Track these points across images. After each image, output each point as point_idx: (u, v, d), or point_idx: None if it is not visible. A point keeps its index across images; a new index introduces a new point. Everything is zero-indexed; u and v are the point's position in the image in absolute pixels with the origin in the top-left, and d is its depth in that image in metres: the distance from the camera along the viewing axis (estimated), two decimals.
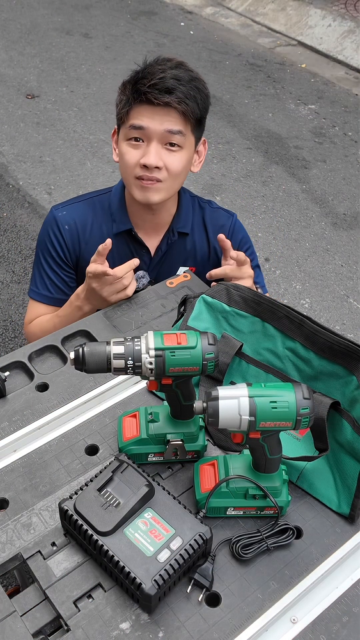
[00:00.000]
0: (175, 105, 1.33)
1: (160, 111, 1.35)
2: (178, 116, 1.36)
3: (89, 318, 1.37)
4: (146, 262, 1.58)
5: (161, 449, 1.05)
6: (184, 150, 1.41)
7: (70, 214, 1.55)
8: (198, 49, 5.40)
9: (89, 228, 1.55)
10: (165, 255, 1.59)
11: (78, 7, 5.87)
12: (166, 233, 1.57)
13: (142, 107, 1.35)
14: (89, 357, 0.93)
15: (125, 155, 1.41)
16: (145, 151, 1.38)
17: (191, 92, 1.35)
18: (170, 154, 1.39)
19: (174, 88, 1.33)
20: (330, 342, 1.07)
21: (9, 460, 1.08)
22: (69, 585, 0.90)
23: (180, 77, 1.35)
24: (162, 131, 1.36)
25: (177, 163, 1.40)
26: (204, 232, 1.61)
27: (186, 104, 1.34)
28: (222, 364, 1.14)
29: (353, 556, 0.99)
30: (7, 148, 3.98)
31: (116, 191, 1.57)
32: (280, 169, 4.06)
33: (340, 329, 2.95)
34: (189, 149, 1.42)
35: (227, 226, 1.62)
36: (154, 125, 1.35)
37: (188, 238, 1.60)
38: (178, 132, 1.37)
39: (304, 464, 1.07)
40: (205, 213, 1.61)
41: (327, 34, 5.57)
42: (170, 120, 1.36)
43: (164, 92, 1.32)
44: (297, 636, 0.89)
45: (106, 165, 3.88)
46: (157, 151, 1.37)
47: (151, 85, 1.32)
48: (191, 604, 0.90)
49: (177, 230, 1.57)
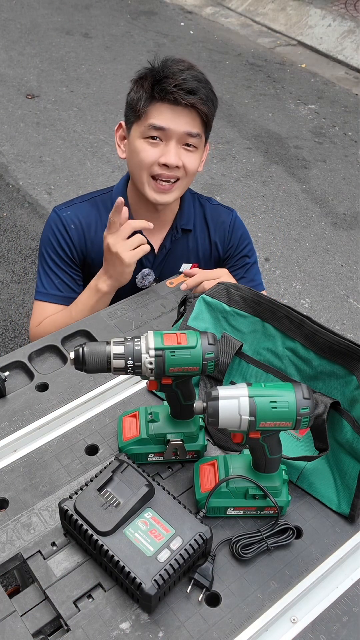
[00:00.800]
0: (199, 106, 1.35)
1: (181, 112, 1.36)
2: (197, 118, 1.38)
3: (88, 318, 1.37)
4: (150, 260, 1.59)
5: (161, 448, 1.05)
6: (199, 151, 1.44)
7: (74, 214, 1.55)
8: (198, 49, 5.40)
9: (93, 227, 1.55)
10: (169, 252, 1.60)
11: (78, 7, 5.87)
12: (170, 230, 1.58)
13: (164, 107, 1.36)
14: (89, 357, 0.93)
15: (142, 153, 1.41)
16: (165, 150, 1.39)
17: (209, 95, 1.38)
18: (188, 153, 1.41)
19: (197, 89, 1.35)
20: (330, 342, 1.07)
21: (9, 460, 1.08)
22: (69, 585, 0.90)
23: (199, 78, 1.37)
24: (182, 133, 1.38)
25: (194, 163, 1.43)
26: (205, 229, 1.62)
27: (207, 105, 1.37)
28: (222, 364, 1.14)
29: (353, 556, 0.99)
30: (7, 148, 3.98)
31: (117, 190, 1.57)
32: (280, 169, 4.06)
33: (340, 329, 2.95)
34: (201, 149, 1.46)
35: (227, 222, 1.63)
36: (174, 126, 1.37)
37: (190, 235, 1.61)
38: (197, 134, 1.39)
39: (303, 463, 1.07)
40: (206, 210, 1.63)
41: (327, 34, 5.57)
42: (190, 122, 1.38)
43: (189, 93, 1.34)
44: (297, 636, 0.89)
45: (106, 165, 3.89)
46: (177, 151, 1.39)
47: (176, 85, 1.33)
48: (191, 603, 0.90)
49: (180, 227, 1.58)
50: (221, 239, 1.63)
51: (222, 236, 1.63)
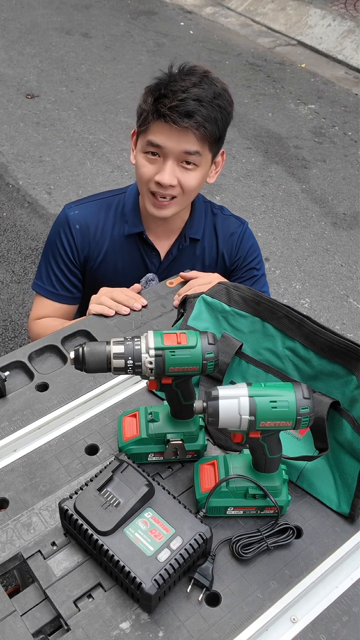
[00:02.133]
0: (193, 130, 1.32)
1: (179, 132, 1.33)
2: (196, 138, 1.34)
3: (88, 318, 1.37)
4: (155, 265, 1.59)
5: (161, 448, 1.05)
6: (200, 168, 1.40)
7: (82, 213, 1.55)
8: (198, 49, 5.40)
9: (100, 228, 1.55)
10: (174, 259, 1.60)
11: (78, 6, 5.87)
12: (178, 238, 1.58)
13: (161, 125, 1.34)
14: (89, 356, 0.93)
15: (141, 168, 1.41)
16: (161, 168, 1.37)
17: (211, 114, 1.33)
18: (186, 172, 1.39)
19: (194, 111, 1.30)
20: (330, 342, 1.07)
21: (9, 460, 1.08)
22: (69, 585, 0.90)
23: (202, 97, 1.32)
24: (179, 151, 1.36)
25: (192, 181, 1.40)
26: (214, 239, 1.61)
27: (205, 127, 1.33)
28: (222, 364, 1.14)
29: (353, 556, 0.99)
30: (7, 148, 3.98)
31: (131, 193, 1.57)
32: (280, 169, 4.06)
33: (340, 329, 2.95)
34: (204, 166, 1.42)
35: (237, 234, 1.62)
36: (171, 145, 1.35)
37: (198, 244, 1.60)
38: (195, 152, 1.36)
39: (303, 463, 1.07)
40: (217, 220, 1.61)
41: (327, 34, 5.57)
42: (188, 142, 1.35)
43: (184, 116, 1.30)
44: (297, 636, 0.89)
45: (106, 165, 3.88)
46: (172, 170, 1.37)
47: (171, 108, 1.30)
48: (191, 603, 0.90)
49: (189, 236, 1.57)
50: (229, 250, 1.62)
51: (230, 247, 1.62)
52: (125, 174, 3.82)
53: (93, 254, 1.56)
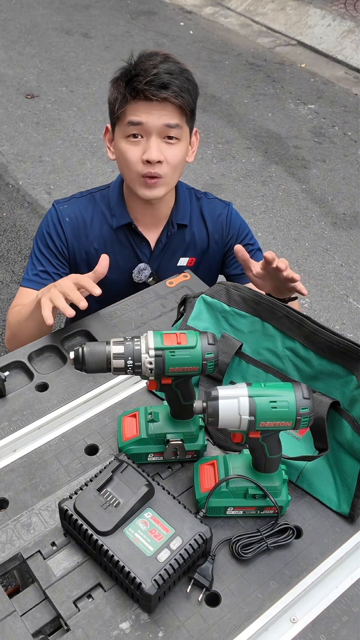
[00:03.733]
0: (172, 100, 1.35)
1: (157, 106, 1.36)
2: (174, 110, 1.38)
3: (88, 318, 1.37)
4: (147, 255, 1.60)
5: (161, 448, 1.05)
6: (181, 142, 1.43)
7: (71, 208, 1.57)
8: (197, 49, 5.40)
9: (89, 222, 1.57)
10: (165, 247, 1.61)
11: (77, 6, 5.87)
12: (166, 225, 1.59)
13: (139, 104, 1.36)
14: (89, 357, 0.93)
15: (126, 153, 1.42)
16: (146, 146, 1.39)
17: (184, 85, 1.38)
18: (170, 147, 1.41)
19: (169, 82, 1.35)
20: (330, 342, 1.07)
21: (8, 460, 1.08)
22: (69, 585, 0.90)
23: (172, 70, 1.36)
24: (161, 125, 1.37)
25: (176, 155, 1.42)
26: (202, 223, 1.63)
27: (182, 97, 1.37)
28: (221, 364, 1.14)
29: (353, 556, 0.99)
30: (7, 148, 3.98)
31: (114, 186, 1.59)
32: (279, 169, 4.06)
33: (339, 329, 2.95)
34: (185, 140, 1.45)
35: (224, 215, 1.64)
36: (152, 120, 1.37)
37: (187, 229, 1.62)
38: (176, 125, 1.39)
39: (303, 463, 1.07)
40: (202, 204, 1.64)
41: (327, 34, 5.57)
42: (167, 114, 1.37)
43: (160, 88, 1.34)
44: (297, 636, 0.89)
45: (106, 165, 3.88)
46: (157, 146, 1.39)
47: (147, 82, 1.33)
48: (191, 603, 0.90)
49: (176, 222, 1.59)
50: (219, 231, 1.64)
51: (220, 229, 1.64)
52: None
53: (82, 247, 1.57)
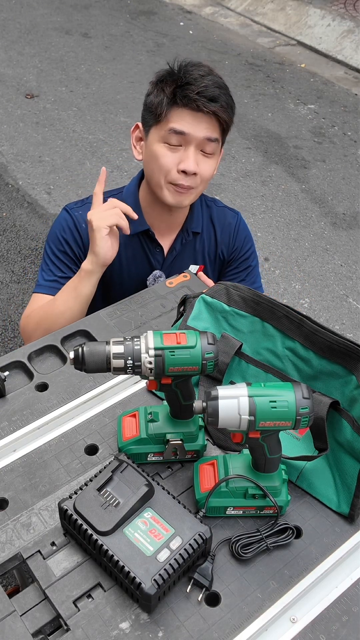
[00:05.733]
0: (220, 114, 1.35)
1: (203, 118, 1.36)
2: (217, 124, 1.38)
3: (88, 318, 1.37)
4: (159, 262, 1.59)
5: (161, 448, 1.05)
6: (215, 157, 1.43)
7: (86, 213, 1.54)
8: (197, 49, 5.40)
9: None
10: (178, 255, 1.61)
11: (77, 6, 5.87)
12: (180, 233, 1.59)
13: (185, 112, 1.35)
14: (89, 356, 0.93)
15: (161, 158, 1.40)
16: (184, 156, 1.38)
17: (229, 101, 1.38)
18: (205, 160, 1.40)
19: (218, 96, 1.34)
20: (330, 342, 1.07)
21: (8, 460, 1.08)
22: (69, 585, 0.90)
23: (220, 84, 1.37)
24: (202, 138, 1.37)
25: (210, 170, 1.42)
26: (212, 231, 1.63)
27: (227, 112, 1.37)
28: (221, 364, 1.14)
29: (352, 556, 0.99)
30: (7, 148, 3.98)
31: (128, 191, 1.57)
32: (279, 169, 4.06)
33: (339, 329, 2.95)
34: (218, 155, 1.45)
35: (233, 224, 1.64)
36: (195, 132, 1.36)
37: (199, 237, 1.61)
38: (216, 139, 1.39)
39: (303, 463, 1.07)
40: (212, 212, 1.63)
41: (327, 34, 5.57)
42: (210, 128, 1.37)
43: (210, 100, 1.34)
44: (296, 636, 0.89)
45: (105, 165, 3.88)
46: (195, 158, 1.38)
47: (199, 93, 1.33)
48: (191, 603, 0.90)
49: (191, 230, 1.58)
50: (226, 241, 1.64)
51: (227, 238, 1.64)
52: (125, 173, 3.82)
53: None
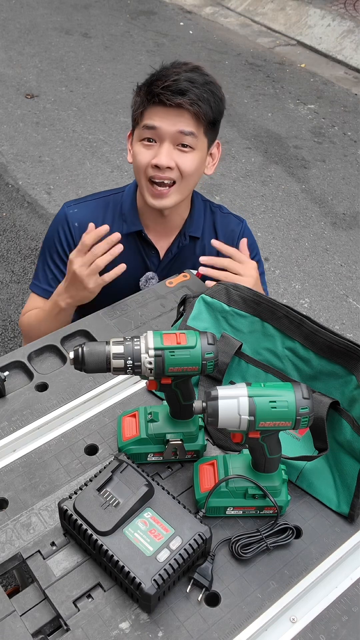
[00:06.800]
0: (187, 106, 1.34)
1: (173, 112, 1.36)
2: (191, 118, 1.37)
3: (88, 318, 1.37)
4: (155, 264, 1.59)
5: (160, 448, 1.05)
6: (196, 152, 1.41)
7: (81, 212, 1.56)
8: (197, 49, 5.40)
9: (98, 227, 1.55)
10: (174, 258, 1.60)
11: (77, 6, 5.87)
12: (177, 236, 1.58)
13: (156, 108, 1.36)
14: (89, 356, 0.93)
15: (137, 156, 1.41)
16: (158, 152, 1.38)
17: (204, 95, 1.36)
18: (182, 154, 1.40)
19: (187, 90, 1.34)
20: (330, 342, 1.07)
21: (8, 460, 1.08)
22: (69, 585, 0.90)
23: (194, 79, 1.36)
24: (174, 132, 1.37)
25: (189, 163, 1.41)
26: (214, 237, 1.61)
27: (199, 105, 1.35)
28: (221, 364, 1.14)
29: (352, 556, 0.99)
30: (7, 148, 3.98)
31: (129, 191, 1.58)
32: (279, 169, 4.06)
33: (339, 329, 2.95)
34: (201, 150, 1.43)
35: (236, 231, 1.63)
36: (166, 126, 1.36)
37: (198, 242, 1.60)
38: (190, 133, 1.38)
39: (303, 463, 1.07)
40: (216, 218, 1.62)
41: (327, 34, 5.57)
42: (183, 122, 1.36)
43: (177, 94, 1.33)
44: (296, 636, 0.89)
45: (105, 165, 3.88)
46: (168, 152, 1.38)
47: (165, 87, 1.33)
48: (191, 603, 0.90)
49: (189, 234, 1.58)
50: None
51: (230, 245, 1.62)
52: (125, 173, 3.82)
53: None
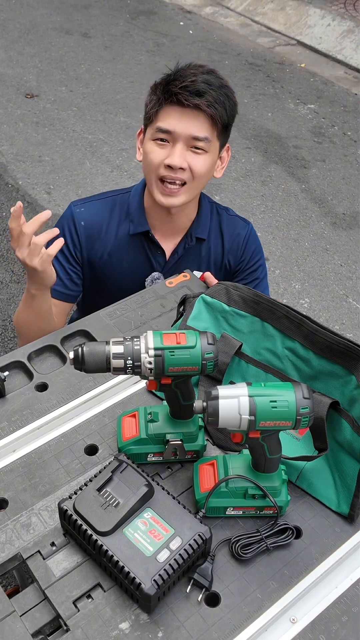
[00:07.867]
0: (204, 108, 1.34)
1: (189, 114, 1.36)
2: (205, 120, 1.37)
3: (88, 318, 1.36)
4: (160, 264, 1.59)
5: (160, 448, 1.05)
6: (209, 154, 1.42)
7: (87, 211, 1.55)
8: (197, 49, 5.39)
9: (104, 227, 1.55)
10: (180, 258, 1.60)
11: (77, 6, 5.87)
12: (184, 237, 1.58)
13: (172, 109, 1.36)
14: (89, 356, 0.93)
15: (150, 154, 1.41)
16: (170, 152, 1.38)
17: (220, 98, 1.37)
18: (195, 156, 1.40)
19: (205, 91, 1.34)
20: (330, 342, 1.07)
21: (8, 460, 1.08)
22: (69, 585, 0.90)
23: (211, 82, 1.36)
24: (188, 135, 1.37)
25: (201, 165, 1.41)
26: (219, 239, 1.61)
27: (215, 108, 1.36)
28: (221, 364, 1.14)
29: (352, 556, 0.99)
30: (7, 147, 3.98)
31: (136, 191, 1.57)
32: (279, 169, 4.06)
33: (339, 329, 2.95)
34: (213, 153, 1.43)
35: (242, 235, 1.62)
36: (180, 129, 1.36)
37: (204, 244, 1.60)
38: (204, 138, 1.38)
39: (303, 463, 1.07)
40: (222, 220, 1.62)
41: (327, 34, 5.57)
42: (197, 125, 1.37)
43: (195, 95, 1.34)
44: (296, 636, 0.89)
45: (105, 165, 3.88)
46: (181, 152, 1.38)
47: (182, 87, 1.33)
48: (190, 603, 0.90)
49: (195, 235, 1.58)
50: (234, 251, 1.62)
51: (235, 248, 1.62)
52: (125, 173, 3.82)
53: (97, 252, 1.56)
